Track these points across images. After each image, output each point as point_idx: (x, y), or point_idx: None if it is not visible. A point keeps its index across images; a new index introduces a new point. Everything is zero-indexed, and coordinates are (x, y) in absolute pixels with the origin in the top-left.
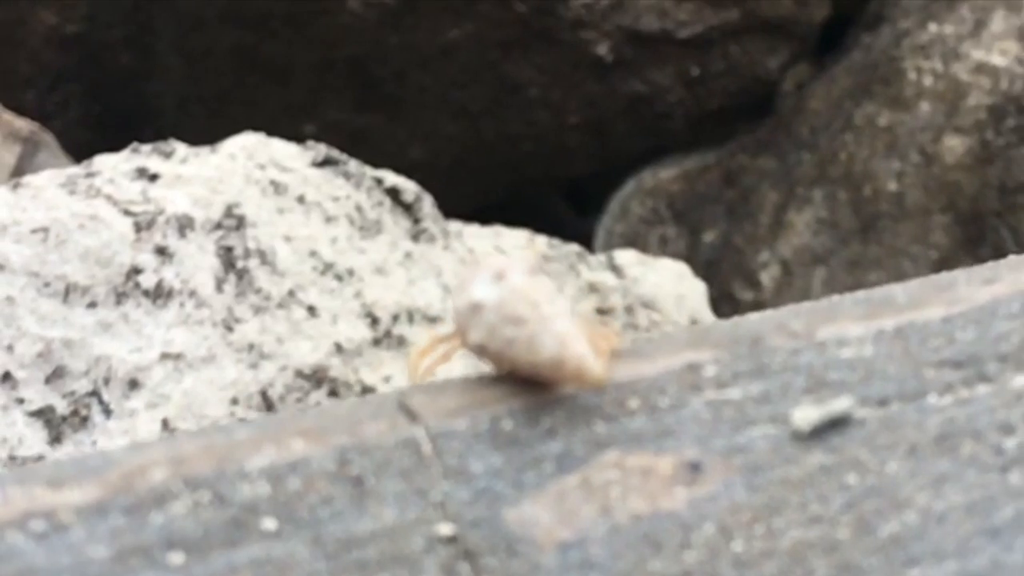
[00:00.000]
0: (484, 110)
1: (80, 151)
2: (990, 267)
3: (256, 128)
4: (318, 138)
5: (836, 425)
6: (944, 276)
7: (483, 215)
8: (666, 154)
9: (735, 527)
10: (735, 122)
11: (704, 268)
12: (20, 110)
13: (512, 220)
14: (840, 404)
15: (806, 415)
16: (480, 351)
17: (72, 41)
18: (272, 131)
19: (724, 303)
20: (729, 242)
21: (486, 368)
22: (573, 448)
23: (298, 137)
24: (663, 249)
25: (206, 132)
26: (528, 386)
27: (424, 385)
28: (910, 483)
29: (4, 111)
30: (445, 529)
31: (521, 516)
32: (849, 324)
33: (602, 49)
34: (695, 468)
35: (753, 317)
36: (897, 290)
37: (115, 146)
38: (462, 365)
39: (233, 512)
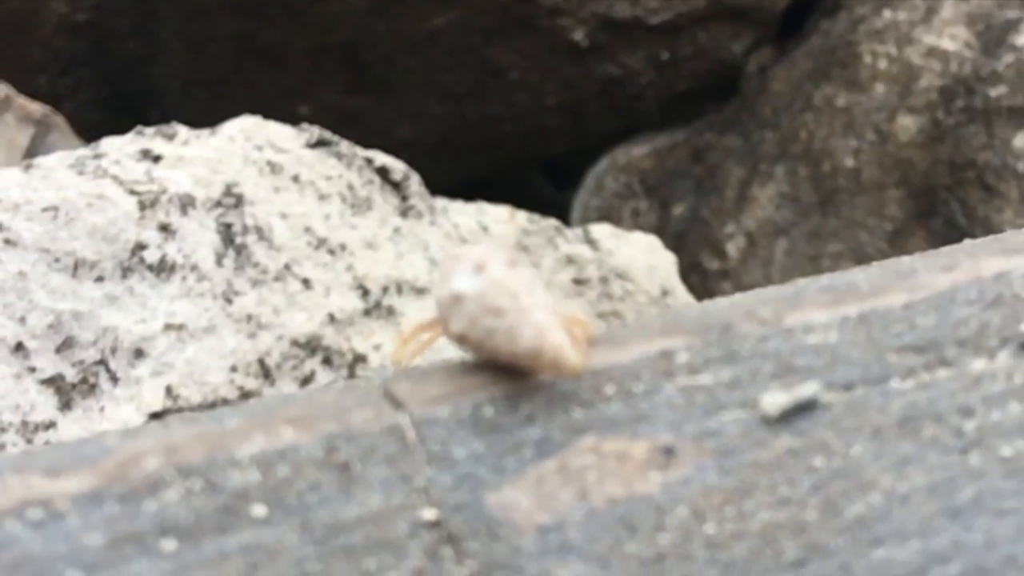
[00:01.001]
0: (468, 92)
1: (90, 131)
2: (948, 253)
3: (254, 109)
4: (312, 119)
5: (803, 409)
6: (905, 263)
7: (467, 190)
8: (638, 133)
9: (707, 510)
10: (702, 103)
11: (674, 239)
12: (33, 93)
13: (494, 195)
14: (807, 389)
15: (774, 400)
16: (461, 340)
17: (82, 28)
18: (269, 112)
19: (692, 272)
20: (697, 215)
21: (468, 355)
22: (551, 434)
23: (293, 118)
24: (635, 222)
25: (208, 114)
26: (508, 373)
27: (408, 372)
28: (874, 465)
29: (18, 95)
30: (429, 514)
31: (502, 500)
32: (815, 311)
33: (578, 35)
34: (668, 452)
35: (723, 303)
36: (860, 277)
37: (123, 126)
38: (449, 348)
39: (224, 499)
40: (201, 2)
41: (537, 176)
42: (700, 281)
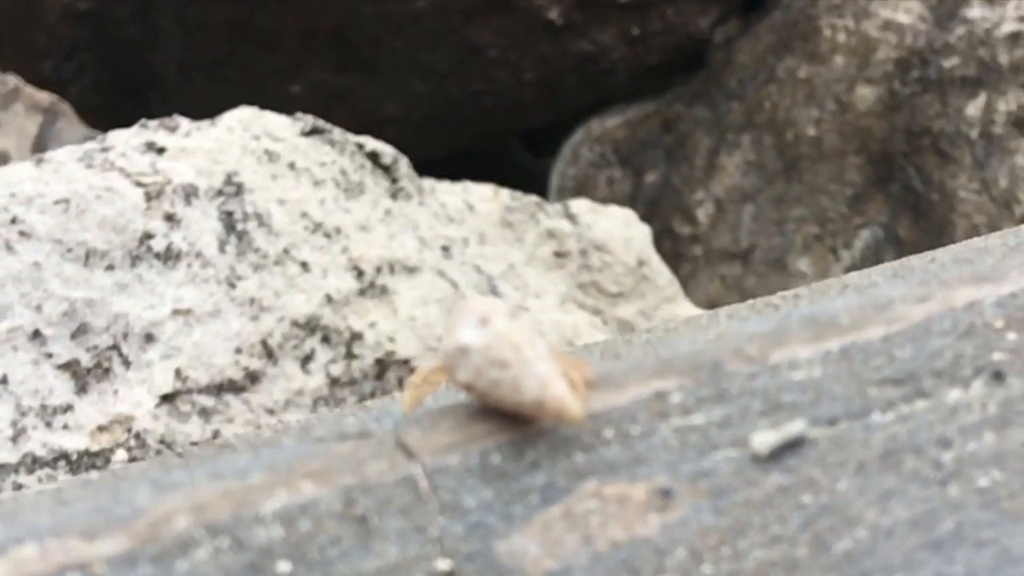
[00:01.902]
0: (450, 70)
1: (93, 114)
2: (923, 283)
3: (248, 90)
4: (303, 98)
5: (791, 446)
6: (882, 295)
7: (451, 162)
8: (611, 105)
9: (704, 550)
10: (671, 75)
11: (647, 206)
12: (39, 78)
13: (476, 165)
14: (794, 427)
15: (764, 439)
16: (467, 389)
17: (84, 16)
18: (262, 92)
19: (665, 237)
20: (668, 183)
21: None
22: (556, 479)
23: (286, 97)
24: (610, 190)
25: (205, 95)
26: (512, 420)
27: (418, 419)
28: (859, 500)
29: (26, 85)
30: (443, 564)
31: (511, 548)
32: (799, 347)
33: (553, 14)
34: (666, 494)
35: (711, 337)
36: (840, 308)
37: (124, 108)
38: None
39: (251, 557)
40: None
41: (515, 145)
42: (672, 245)
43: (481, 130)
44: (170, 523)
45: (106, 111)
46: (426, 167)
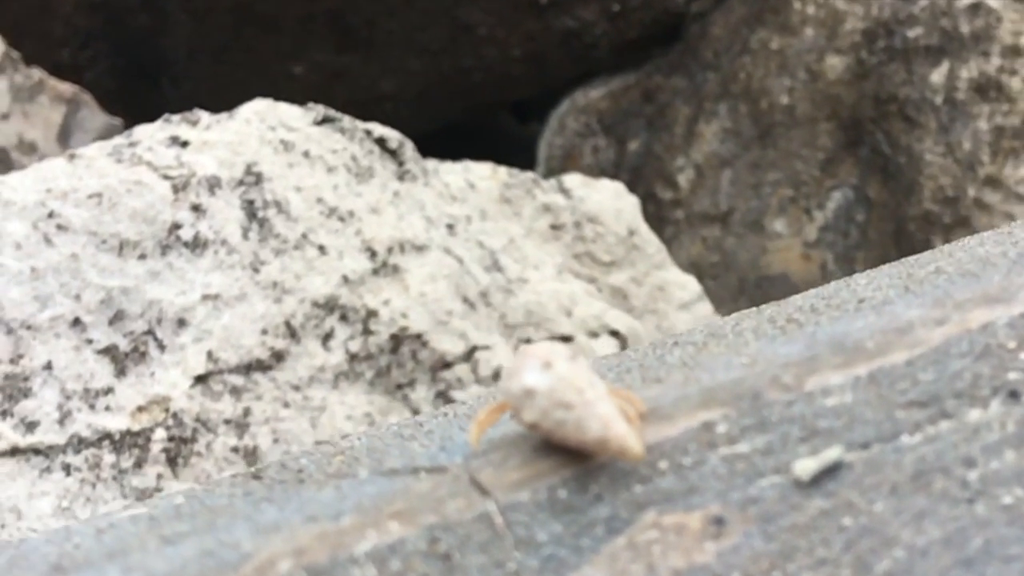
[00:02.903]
0: (442, 48)
1: (109, 97)
2: (937, 303)
3: (253, 72)
4: (305, 77)
5: (830, 471)
6: (902, 319)
7: (444, 133)
8: (594, 77)
9: (757, 575)
10: (651, 48)
11: (630, 173)
12: (57, 66)
13: (468, 134)
14: (832, 453)
15: (805, 466)
16: (532, 428)
17: (97, 6)
18: (266, 73)
19: (648, 202)
20: (650, 150)
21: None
22: (618, 511)
23: (288, 77)
24: (595, 157)
25: (212, 77)
26: (574, 455)
27: (486, 453)
28: (895, 521)
29: (49, 77)
30: None
31: None
32: (830, 373)
33: None
34: (719, 522)
35: (746, 363)
36: (864, 333)
37: (137, 91)
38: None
39: None
40: None
41: (502, 113)
42: (656, 210)
43: (472, 103)
44: (275, 567)
45: (120, 94)
46: (421, 140)
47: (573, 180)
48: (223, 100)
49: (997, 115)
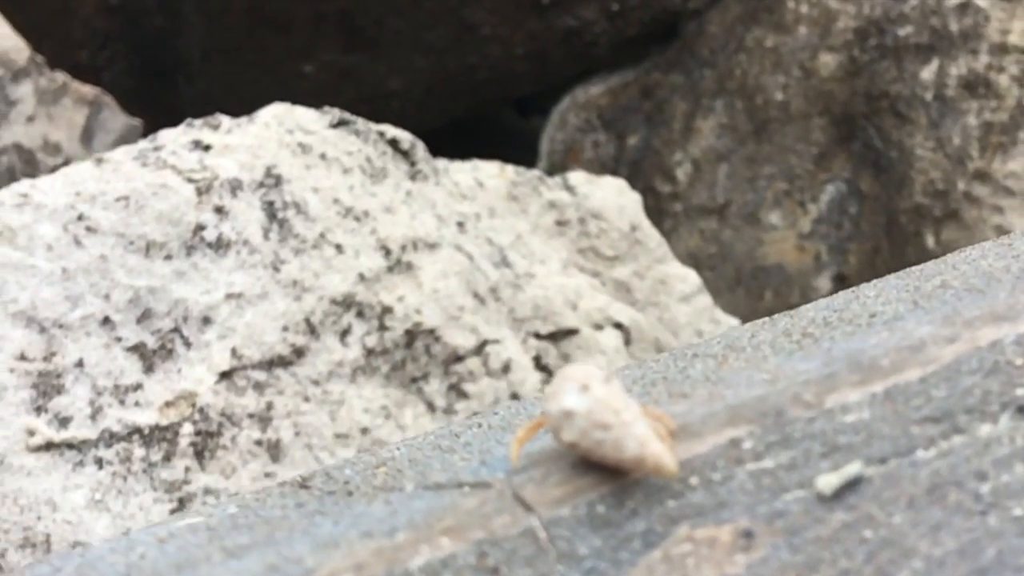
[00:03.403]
0: (448, 47)
1: (126, 96)
2: (947, 321)
3: (265, 71)
4: (315, 76)
5: (851, 485)
6: (914, 336)
7: (449, 128)
8: (594, 74)
9: None
10: (649, 46)
11: (629, 167)
12: (77, 66)
13: (472, 128)
14: (852, 468)
15: (828, 481)
16: (571, 447)
17: (115, 9)
18: (278, 72)
19: (647, 195)
20: (649, 145)
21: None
22: (653, 525)
23: (299, 76)
24: (596, 152)
25: (226, 76)
26: (610, 472)
27: (527, 470)
28: (913, 532)
29: (72, 80)
30: None
31: None
32: (848, 391)
33: None
34: (748, 535)
35: (768, 380)
36: (879, 352)
37: (154, 90)
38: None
39: None
40: None
41: (504, 107)
42: (655, 203)
43: (476, 100)
44: None
45: (137, 93)
46: (427, 135)
47: (577, 177)
48: (236, 98)
49: (986, 111)
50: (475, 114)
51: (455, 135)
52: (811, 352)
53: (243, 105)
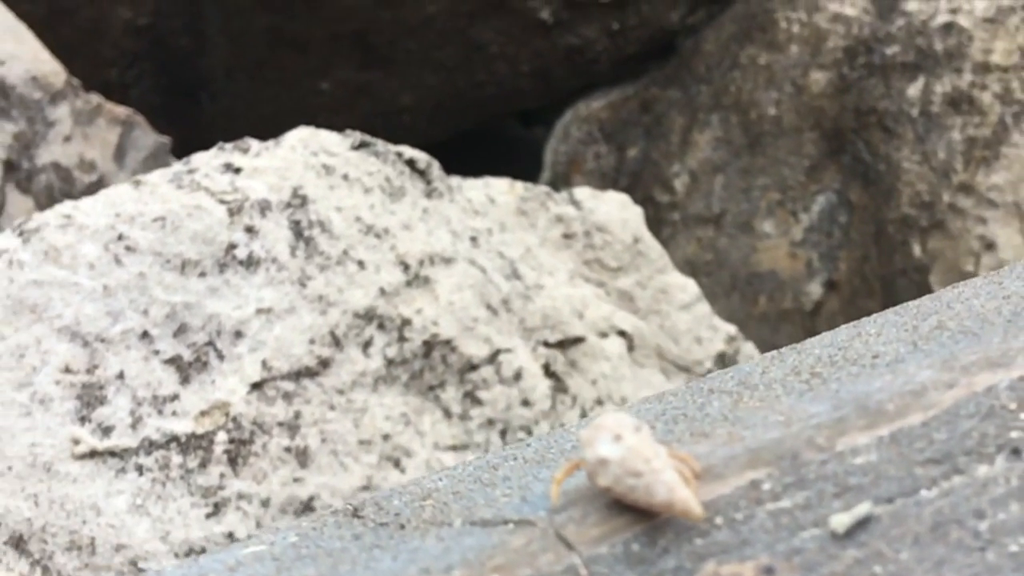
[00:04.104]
0: (457, 65)
1: (153, 112)
2: (946, 366)
3: (284, 88)
4: (331, 92)
5: (861, 524)
6: (916, 381)
7: (457, 139)
8: (596, 89)
9: None
10: (647, 63)
11: (629, 178)
12: (106, 84)
13: (479, 139)
14: (862, 508)
15: (841, 520)
16: (606, 491)
17: (143, 30)
18: (297, 89)
19: (647, 205)
20: (648, 157)
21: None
22: (683, 563)
23: (316, 92)
24: (597, 163)
25: (247, 93)
26: (643, 512)
27: (567, 508)
28: (919, 568)
29: (105, 101)
30: None
31: None
32: (857, 435)
33: (545, 14)
34: (769, 571)
35: (782, 422)
36: (884, 397)
37: (179, 106)
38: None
39: None
40: (239, 3)
41: (509, 118)
42: (654, 212)
43: (484, 114)
44: None
45: (164, 109)
46: (435, 147)
47: (583, 193)
48: (257, 114)
49: (969, 127)
50: (481, 125)
51: (462, 145)
52: (820, 394)
53: (264, 120)
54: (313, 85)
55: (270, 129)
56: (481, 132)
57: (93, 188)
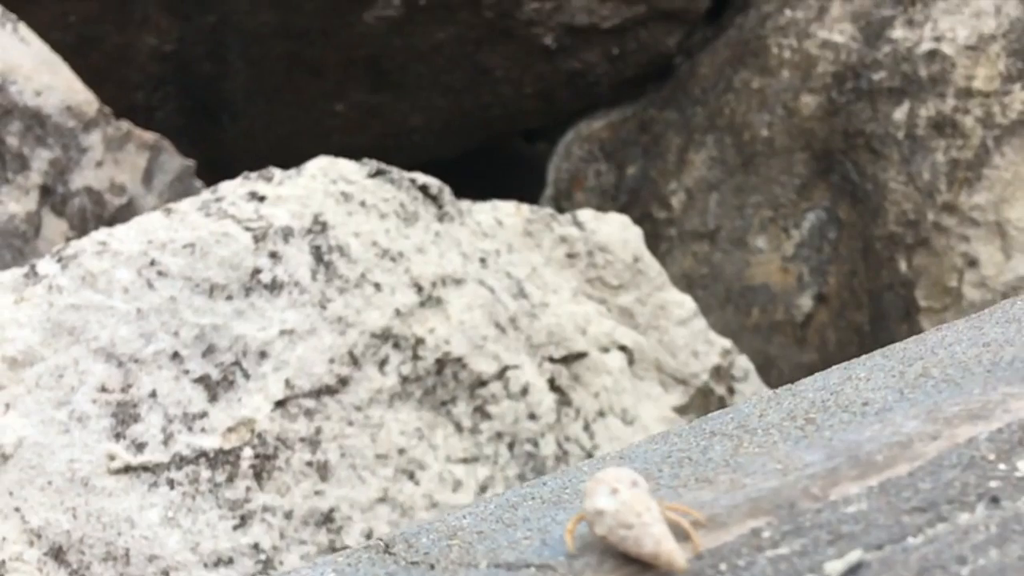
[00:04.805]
0: (464, 88)
1: (177, 133)
2: (930, 417)
3: (301, 108)
4: (345, 113)
5: (853, 570)
6: (903, 432)
7: (464, 157)
8: (596, 110)
9: None
10: (646, 85)
11: (628, 195)
12: (133, 107)
13: (484, 156)
14: (854, 555)
15: (834, 567)
16: (603, 539)
17: (168, 56)
18: (312, 111)
19: (645, 221)
20: (646, 175)
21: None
22: None
23: (331, 114)
24: (598, 180)
25: (266, 115)
26: (645, 564)
27: (586, 559)
28: None
29: (135, 128)
30: None
31: None
32: (849, 484)
33: (548, 40)
34: None
35: (780, 470)
36: (873, 448)
37: (201, 127)
38: None
39: None
40: (258, 31)
41: (514, 135)
42: (651, 228)
43: (489, 133)
44: None
45: (187, 130)
46: (444, 164)
47: (585, 214)
48: (275, 134)
49: (952, 149)
50: (487, 143)
51: (470, 162)
52: (815, 441)
53: (281, 140)
54: (328, 107)
55: (288, 148)
56: (487, 149)
57: (123, 210)
